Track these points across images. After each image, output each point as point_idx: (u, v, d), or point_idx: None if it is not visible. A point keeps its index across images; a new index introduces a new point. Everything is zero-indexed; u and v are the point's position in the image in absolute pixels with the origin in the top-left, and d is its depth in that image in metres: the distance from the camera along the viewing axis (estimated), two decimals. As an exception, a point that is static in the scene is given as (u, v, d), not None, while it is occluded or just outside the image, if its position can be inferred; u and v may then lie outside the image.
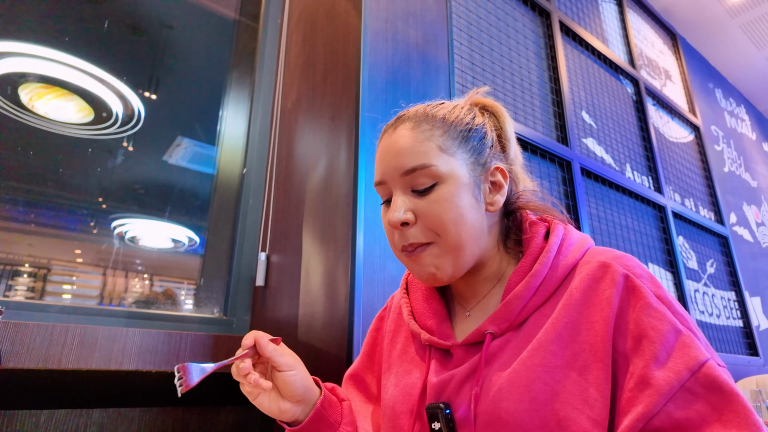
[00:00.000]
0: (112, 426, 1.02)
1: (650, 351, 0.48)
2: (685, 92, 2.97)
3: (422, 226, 0.57)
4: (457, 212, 0.56)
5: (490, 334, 0.56)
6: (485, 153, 0.61)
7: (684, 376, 0.46)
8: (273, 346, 0.64)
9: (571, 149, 1.81)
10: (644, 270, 0.54)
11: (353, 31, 1.23)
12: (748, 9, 3.04)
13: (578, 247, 0.59)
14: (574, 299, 0.53)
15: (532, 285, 0.55)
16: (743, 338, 2.45)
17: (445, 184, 0.57)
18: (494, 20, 1.74)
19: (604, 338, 0.50)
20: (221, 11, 1.71)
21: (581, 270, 0.55)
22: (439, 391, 0.57)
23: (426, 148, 0.58)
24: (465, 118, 0.61)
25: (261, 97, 1.57)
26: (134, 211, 1.38)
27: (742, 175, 3.20)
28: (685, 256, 2.27)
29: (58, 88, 1.35)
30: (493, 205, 0.60)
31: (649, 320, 0.49)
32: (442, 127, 0.60)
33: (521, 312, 0.56)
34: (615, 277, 0.52)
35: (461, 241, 0.57)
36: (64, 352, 0.91)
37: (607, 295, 0.52)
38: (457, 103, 0.65)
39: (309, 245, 1.19)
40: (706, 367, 0.46)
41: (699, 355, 0.47)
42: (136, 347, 0.99)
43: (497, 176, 0.61)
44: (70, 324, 0.96)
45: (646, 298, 0.50)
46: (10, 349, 0.86)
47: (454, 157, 0.58)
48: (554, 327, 0.52)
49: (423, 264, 0.58)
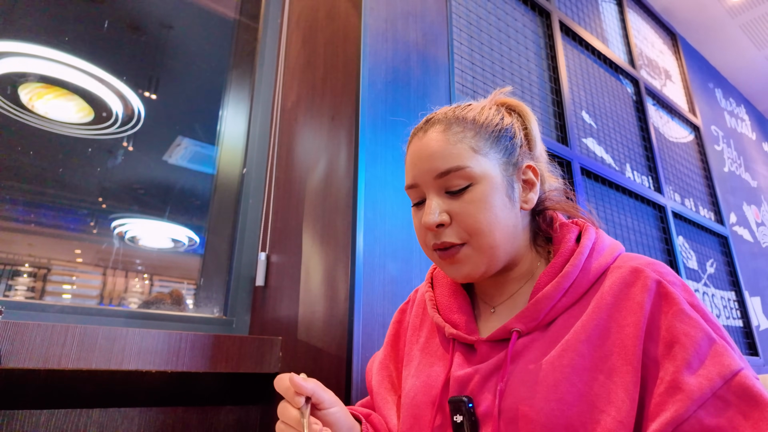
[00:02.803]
0: (112, 426, 1.02)
1: (682, 356, 0.47)
2: (685, 92, 2.97)
3: (456, 227, 0.58)
4: (491, 212, 0.57)
5: (516, 331, 0.56)
6: (516, 152, 0.62)
7: (716, 384, 0.45)
8: (313, 382, 0.58)
9: (571, 149, 1.81)
10: (676, 277, 0.54)
11: (353, 31, 1.23)
12: (748, 9, 3.03)
13: (610, 252, 0.59)
14: (605, 302, 0.53)
15: (562, 286, 0.56)
16: (743, 338, 2.45)
17: (480, 185, 0.58)
18: (494, 20, 1.74)
19: (635, 342, 0.50)
20: (221, 11, 1.71)
21: (613, 274, 0.56)
22: (463, 385, 0.57)
23: (459, 150, 0.58)
24: (494, 119, 0.62)
25: (261, 97, 1.57)
26: (134, 211, 1.38)
27: (742, 175, 3.20)
28: (685, 256, 2.27)
29: (58, 88, 1.35)
30: (527, 203, 0.61)
31: (682, 326, 0.49)
32: (473, 128, 0.60)
33: (549, 312, 0.56)
34: (647, 283, 0.52)
35: (495, 240, 0.57)
36: (64, 352, 0.91)
37: (639, 299, 0.52)
38: (484, 104, 0.66)
39: (309, 245, 1.19)
40: (740, 376, 0.46)
41: (732, 364, 0.46)
42: (136, 347, 0.99)
43: (529, 174, 0.62)
44: (70, 324, 0.96)
45: (678, 304, 0.50)
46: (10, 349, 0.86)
47: (487, 157, 0.59)
48: (584, 329, 0.52)
49: (457, 264, 0.59)
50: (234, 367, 1.10)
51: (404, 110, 1.24)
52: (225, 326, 1.32)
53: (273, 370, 1.16)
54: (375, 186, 1.11)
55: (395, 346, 0.76)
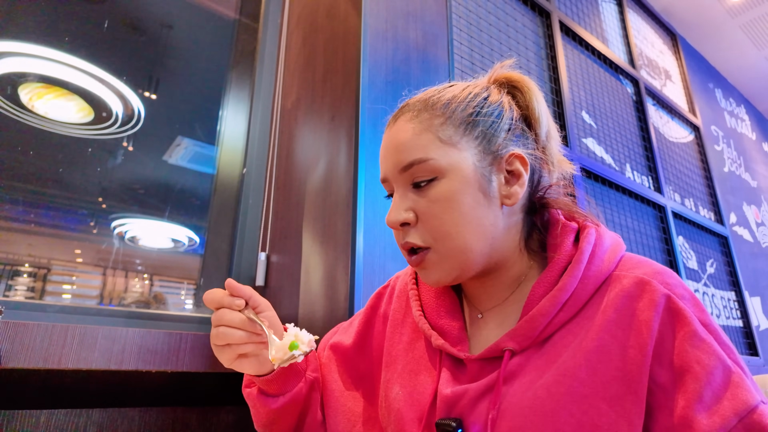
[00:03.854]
0: (111, 426, 1.02)
1: (694, 389, 0.43)
2: (685, 92, 2.97)
3: (421, 228, 0.53)
4: (459, 211, 0.51)
5: (509, 351, 0.50)
6: (498, 138, 0.54)
7: (731, 422, 0.42)
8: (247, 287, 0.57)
9: (571, 149, 1.81)
10: (687, 290, 0.48)
11: (353, 31, 1.23)
12: (748, 9, 3.04)
13: (611, 255, 0.53)
14: (606, 319, 0.48)
15: (559, 300, 0.50)
16: (743, 338, 2.45)
17: (446, 179, 0.51)
18: (494, 20, 1.74)
19: (640, 367, 0.45)
20: (221, 11, 1.71)
21: (615, 285, 0.50)
22: (451, 405, 0.52)
23: (424, 140, 0.52)
24: (474, 101, 0.54)
25: (261, 96, 1.57)
26: (134, 211, 1.38)
27: (742, 175, 3.20)
28: (685, 256, 2.27)
29: (58, 87, 1.35)
30: (510, 198, 0.53)
31: (695, 352, 0.44)
32: (443, 114, 0.53)
33: (545, 329, 0.50)
34: (655, 298, 0.47)
35: (465, 243, 0.51)
36: (64, 352, 0.91)
37: (645, 317, 0.46)
38: (470, 83, 0.58)
39: (309, 245, 1.19)
40: (757, 413, 0.42)
41: (749, 399, 0.42)
42: (136, 347, 0.99)
43: (515, 164, 0.54)
44: (70, 324, 0.96)
45: (690, 325, 0.45)
46: (10, 348, 0.86)
47: (456, 147, 0.52)
48: (583, 350, 0.47)
49: (424, 268, 0.54)
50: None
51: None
52: (225, 326, 1.32)
53: (273, 370, 1.16)
54: (375, 186, 1.11)
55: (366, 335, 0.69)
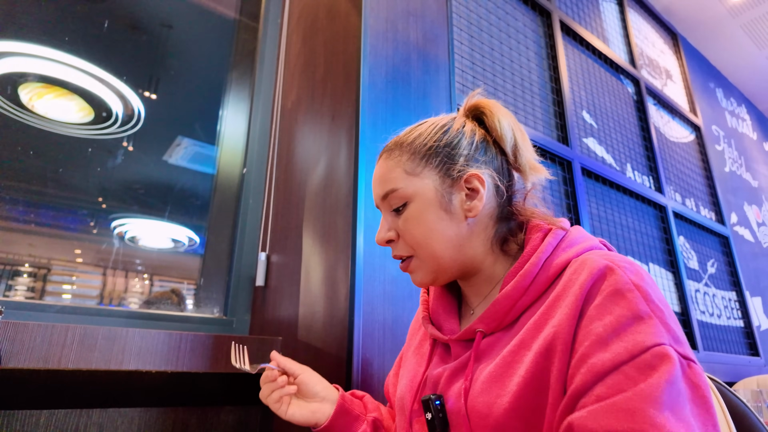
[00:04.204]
0: (112, 426, 1.02)
1: (597, 332, 0.47)
2: (685, 92, 2.97)
3: (402, 242, 0.65)
4: (425, 227, 0.62)
5: (480, 332, 0.59)
6: (457, 163, 0.63)
7: (622, 358, 0.44)
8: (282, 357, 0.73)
9: (572, 149, 1.80)
10: (632, 264, 0.52)
11: (353, 31, 1.23)
12: (749, 9, 3.03)
13: (578, 248, 0.58)
14: (557, 295, 0.54)
15: (522, 285, 0.57)
16: (744, 338, 2.45)
17: (413, 203, 0.63)
18: (494, 20, 1.74)
19: (571, 322, 0.50)
20: (221, 11, 1.71)
21: (571, 267, 0.55)
22: (435, 383, 0.61)
23: (393, 174, 0.64)
24: (435, 135, 0.65)
25: (261, 96, 1.57)
26: (134, 211, 1.38)
27: (743, 175, 3.20)
28: (686, 256, 2.27)
29: (58, 87, 1.35)
30: (471, 211, 0.62)
31: (610, 304, 0.48)
32: (408, 151, 0.65)
33: (510, 311, 0.57)
34: (594, 267, 0.52)
35: (435, 251, 0.62)
36: (64, 352, 0.91)
37: (582, 282, 0.51)
38: (439, 117, 0.68)
39: (309, 245, 1.19)
40: (650, 353, 0.44)
41: (647, 340, 0.44)
42: (136, 347, 0.99)
43: (473, 182, 0.63)
44: (70, 324, 0.96)
45: (615, 284, 0.49)
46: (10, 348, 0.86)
47: (420, 176, 0.63)
48: (535, 323, 0.54)
49: (411, 272, 0.65)
50: (234, 368, 1.10)
51: (404, 110, 1.24)
52: (225, 326, 1.32)
53: (273, 370, 1.16)
54: (375, 186, 1.11)
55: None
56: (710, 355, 2.06)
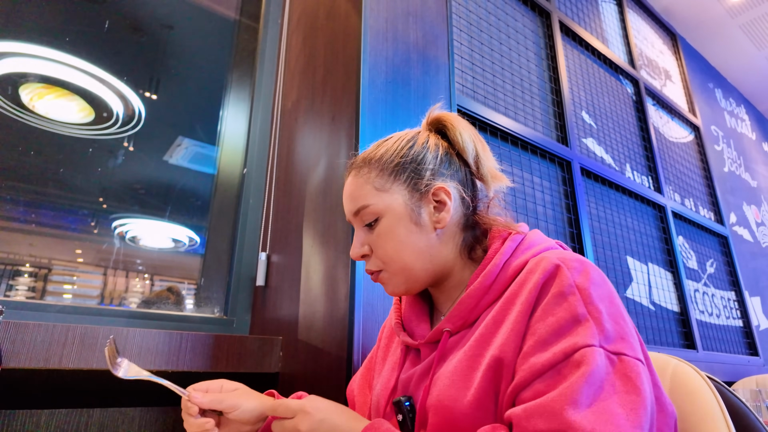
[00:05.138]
0: (112, 425, 1.02)
1: (540, 334, 0.51)
2: (685, 92, 2.97)
3: (374, 257, 0.66)
4: (397, 241, 0.64)
5: (447, 332, 0.62)
6: (423, 177, 0.66)
7: (557, 359, 0.49)
8: (210, 397, 0.65)
9: (571, 149, 1.81)
10: (581, 263, 0.55)
11: (353, 31, 1.23)
12: (748, 9, 3.04)
13: (536, 249, 0.62)
14: (512, 293, 0.57)
15: (484, 285, 0.60)
16: (743, 338, 2.45)
17: (385, 218, 0.65)
18: (494, 20, 1.74)
19: (524, 319, 0.53)
20: (221, 11, 1.71)
21: (528, 266, 0.59)
22: (405, 385, 0.64)
23: (364, 191, 0.66)
24: (401, 151, 0.67)
25: (261, 97, 1.57)
26: (135, 211, 1.38)
27: (742, 175, 3.21)
28: (685, 256, 2.27)
29: (58, 88, 1.35)
30: (439, 223, 0.65)
31: (554, 307, 0.52)
32: (376, 167, 0.67)
33: (473, 310, 0.61)
34: (546, 266, 0.55)
35: (406, 264, 0.64)
36: (65, 352, 0.91)
37: (536, 279, 0.55)
38: (404, 134, 0.70)
39: (309, 245, 1.19)
40: (580, 353, 0.48)
41: (580, 342, 0.48)
42: (137, 347, 0.99)
43: (440, 195, 0.65)
44: (71, 324, 0.96)
45: (560, 286, 0.53)
46: (11, 348, 0.86)
47: (389, 192, 0.65)
48: (494, 318, 0.57)
49: (383, 284, 0.67)
50: (234, 367, 1.10)
51: (404, 110, 1.24)
52: (225, 326, 1.33)
53: (273, 369, 1.17)
54: (375, 186, 1.11)
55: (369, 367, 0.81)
56: (709, 355, 2.07)
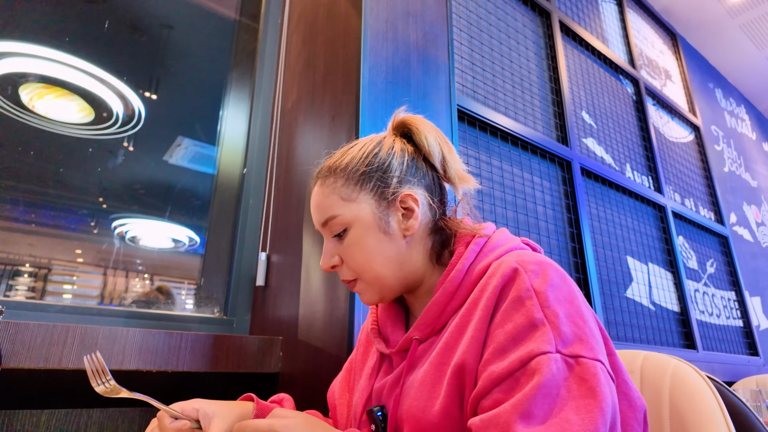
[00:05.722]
0: (112, 425, 1.02)
1: (499, 341, 0.51)
2: (685, 92, 2.97)
3: (346, 266, 0.66)
4: (366, 251, 0.63)
5: (416, 339, 0.61)
6: (390, 185, 0.65)
7: (514, 366, 0.48)
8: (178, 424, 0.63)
9: (571, 149, 1.81)
10: (540, 265, 0.54)
11: (353, 31, 1.23)
12: (748, 9, 3.04)
13: (497, 252, 0.61)
14: (474, 298, 0.57)
15: (449, 290, 0.60)
16: (743, 338, 2.45)
17: (353, 229, 0.64)
18: (494, 20, 1.74)
19: (483, 326, 0.53)
20: (221, 11, 1.71)
21: (489, 270, 0.58)
22: (378, 395, 0.63)
23: (330, 201, 0.65)
24: (366, 159, 0.66)
25: (261, 97, 1.57)
26: (135, 211, 1.38)
27: (742, 175, 3.20)
28: (685, 256, 2.27)
29: (58, 88, 1.35)
30: (408, 230, 0.64)
31: (512, 312, 0.52)
32: (343, 177, 0.65)
33: (440, 317, 0.60)
34: (505, 270, 0.54)
35: (378, 273, 0.63)
36: (65, 352, 0.91)
37: (494, 285, 0.54)
38: (369, 139, 0.69)
39: (309, 245, 1.19)
40: (536, 360, 0.48)
41: (535, 349, 0.48)
42: (137, 347, 0.99)
43: (408, 202, 0.65)
44: (71, 324, 0.96)
45: (518, 290, 0.52)
46: (11, 348, 0.86)
47: (356, 202, 0.64)
48: (457, 325, 0.57)
49: (358, 292, 0.67)
50: (234, 367, 1.10)
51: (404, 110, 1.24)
52: (225, 326, 1.32)
53: (274, 369, 1.16)
54: (375, 186, 1.11)
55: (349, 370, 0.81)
56: (709, 355, 2.06)
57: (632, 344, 1.74)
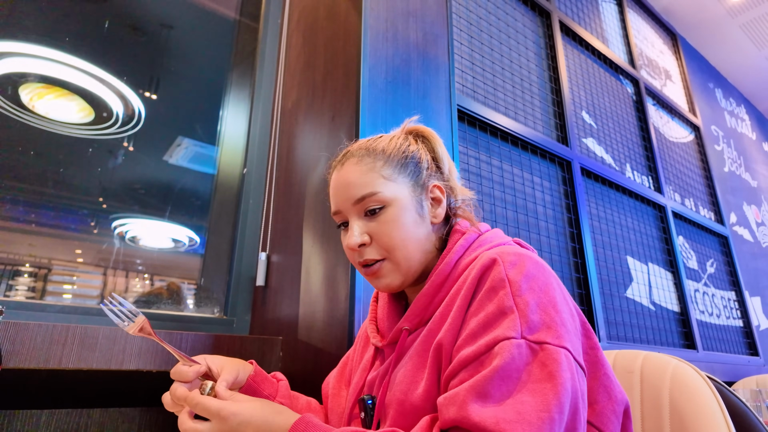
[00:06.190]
0: (112, 426, 1.02)
1: (471, 327, 0.54)
2: (685, 92, 2.97)
3: (376, 245, 0.66)
4: (404, 229, 0.65)
5: (405, 330, 0.64)
6: (422, 174, 0.70)
7: (480, 351, 0.51)
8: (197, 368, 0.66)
9: (571, 149, 1.81)
10: (518, 256, 0.57)
11: (353, 31, 1.23)
12: (748, 9, 3.04)
13: (486, 247, 0.65)
14: (458, 288, 0.60)
15: (436, 282, 0.63)
16: (743, 338, 2.45)
17: (391, 207, 0.66)
18: (494, 20, 1.74)
19: (461, 314, 0.56)
20: (221, 11, 1.71)
21: (474, 262, 0.61)
22: (371, 386, 0.66)
23: (370, 178, 0.67)
24: (401, 147, 0.70)
25: (261, 97, 1.57)
26: (135, 211, 1.38)
27: (742, 175, 3.20)
28: (685, 256, 2.27)
29: (58, 88, 1.35)
30: (436, 218, 0.69)
31: (486, 301, 0.55)
32: (382, 158, 0.68)
33: (428, 308, 0.63)
34: (484, 261, 0.58)
35: (409, 253, 0.65)
36: (65, 352, 0.91)
37: (474, 275, 0.58)
38: (394, 134, 0.74)
39: (309, 245, 1.19)
40: (500, 345, 0.50)
41: (501, 335, 0.51)
42: (137, 347, 0.99)
43: (436, 192, 0.70)
44: (71, 324, 0.96)
45: (493, 280, 0.55)
46: (11, 348, 0.86)
47: (396, 182, 0.67)
48: (440, 314, 0.60)
49: (379, 276, 0.67)
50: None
51: (404, 110, 1.24)
52: (225, 326, 1.33)
53: (274, 369, 1.16)
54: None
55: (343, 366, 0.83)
56: (709, 355, 2.07)
57: (632, 344, 1.74)
